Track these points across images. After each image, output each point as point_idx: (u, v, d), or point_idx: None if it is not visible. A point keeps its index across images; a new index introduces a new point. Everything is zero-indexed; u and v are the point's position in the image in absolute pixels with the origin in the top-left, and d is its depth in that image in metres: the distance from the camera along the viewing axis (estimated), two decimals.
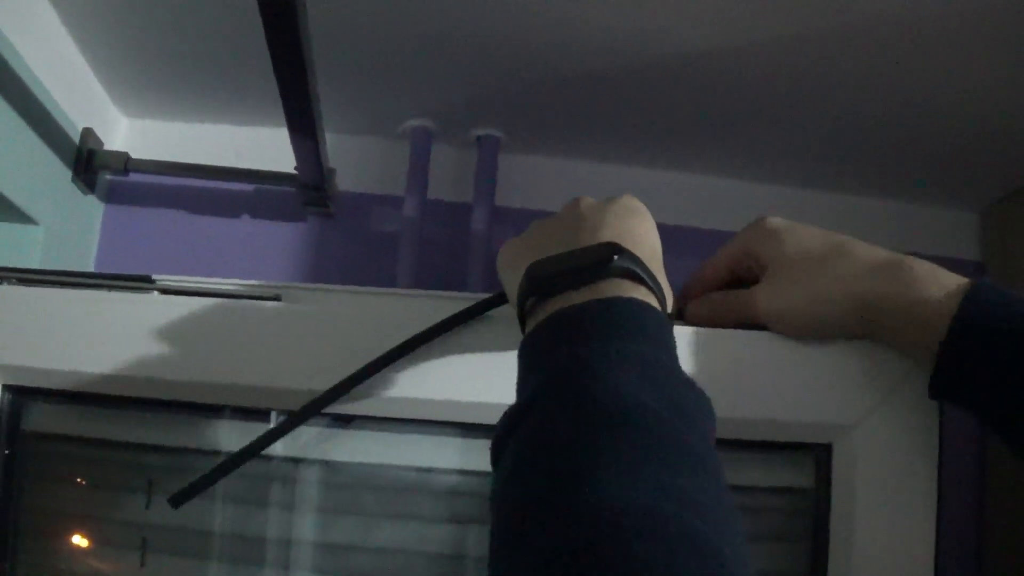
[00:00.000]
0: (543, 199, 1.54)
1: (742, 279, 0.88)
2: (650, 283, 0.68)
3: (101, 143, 1.36)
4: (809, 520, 0.90)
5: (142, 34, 1.24)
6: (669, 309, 0.71)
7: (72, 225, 1.31)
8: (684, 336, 0.85)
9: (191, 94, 1.44)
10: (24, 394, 0.91)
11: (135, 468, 0.93)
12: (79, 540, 0.94)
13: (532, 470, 0.55)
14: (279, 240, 1.49)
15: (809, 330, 0.83)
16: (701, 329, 0.85)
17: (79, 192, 1.34)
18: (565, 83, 1.32)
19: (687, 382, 0.63)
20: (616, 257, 0.67)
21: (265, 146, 1.48)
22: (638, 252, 0.69)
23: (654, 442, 0.56)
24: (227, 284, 0.90)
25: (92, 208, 1.42)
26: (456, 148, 1.53)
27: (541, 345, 0.65)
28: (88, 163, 1.32)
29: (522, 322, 0.71)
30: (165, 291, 0.90)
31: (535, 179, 1.55)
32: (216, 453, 0.92)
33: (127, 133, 1.50)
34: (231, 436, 0.92)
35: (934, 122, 1.33)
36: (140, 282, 0.91)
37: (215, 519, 0.93)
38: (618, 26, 1.15)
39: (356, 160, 1.50)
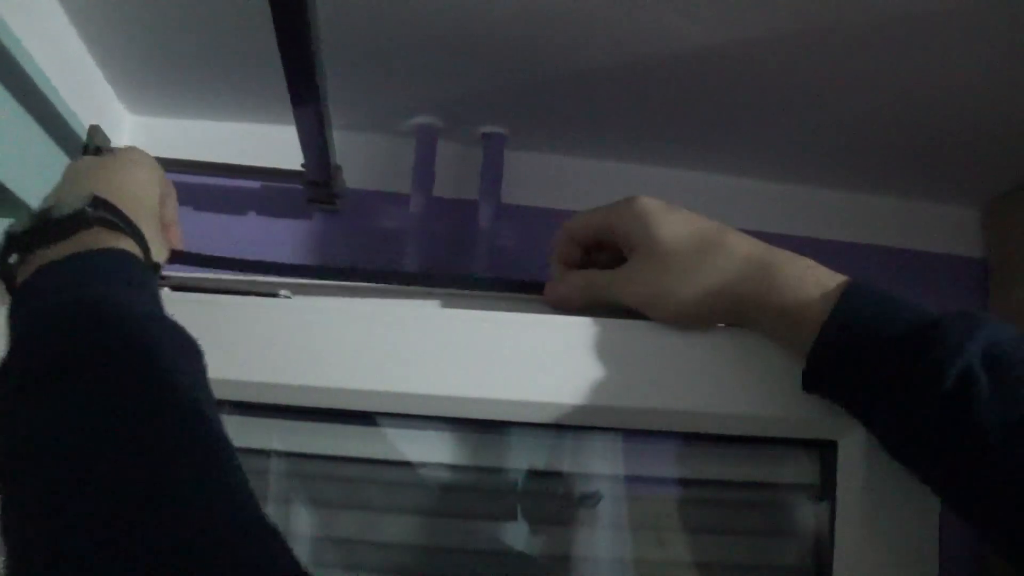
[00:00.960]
0: (549, 196, 1.54)
1: (595, 257, 0.90)
2: (129, 231, 0.72)
3: (108, 140, 1.36)
4: (814, 517, 0.90)
5: (147, 31, 1.24)
6: (157, 257, 0.77)
7: None
8: (688, 334, 0.86)
9: (196, 91, 1.44)
10: None
11: None
12: None
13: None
14: (285, 237, 1.49)
15: (681, 320, 0.84)
16: (704, 327, 0.86)
17: None
18: (571, 80, 1.32)
19: (169, 324, 0.67)
20: (90, 209, 0.70)
21: (270, 143, 1.48)
22: (122, 203, 0.73)
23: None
24: (237, 280, 0.90)
25: None
26: (462, 145, 1.53)
27: (29, 303, 0.66)
28: None
29: (8, 281, 0.72)
30: (175, 288, 0.90)
31: (541, 176, 1.55)
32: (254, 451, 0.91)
33: (132, 130, 1.50)
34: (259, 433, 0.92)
35: (937, 117, 1.33)
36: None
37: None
38: (624, 23, 1.15)
39: (362, 157, 1.50)
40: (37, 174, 1.11)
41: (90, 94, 1.33)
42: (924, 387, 0.70)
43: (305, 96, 0.99)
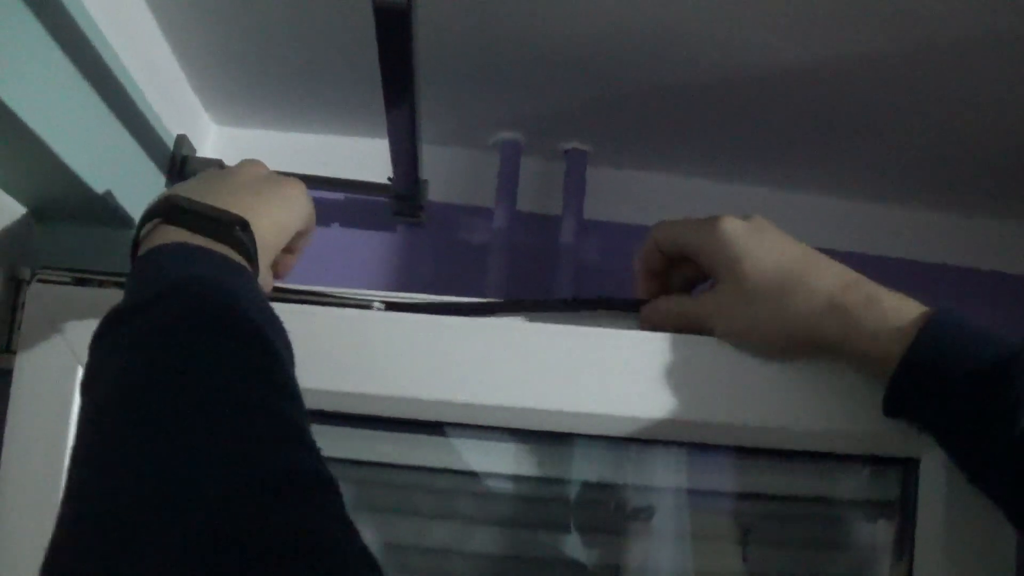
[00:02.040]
0: (631, 212, 1.54)
1: (680, 266, 0.91)
2: (256, 263, 0.77)
3: (194, 150, 1.37)
4: (895, 534, 0.90)
5: (235, 44, 1.26)
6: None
7: None
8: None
9: (280, 103, 1.45)
10: None
11: None
12: None
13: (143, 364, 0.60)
14: (369, 249, 1.49)
15: (764, 355, 0.85)
16: (761, 356, 0.86)
17: None
18: (653, 97, 1.31)
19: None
20: (239, 230, 0.76)
21: (353, 155, 1.49)
22: (260, 231, 0.78)
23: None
24: (333, 292, 0.91)
25: None
26: (545, 160, 1.53)
27: (162, 262, 0.71)
28: (182, 169, 1.33)
29: (138, 232, 0.77)
30: (272, 299, 0.90)
31: (623, 192, 1.55)
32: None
33: (216, 140, 1.51)
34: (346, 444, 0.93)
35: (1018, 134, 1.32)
36: None
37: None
38: (709, 40, 1.15)
39: (447, 171, 1.50)
40: (126, 181, 1.13)
41: (179, 105, 1.34)
42: (998, 427, 0.70)
43: (400, 111, 0.99)
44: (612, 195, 1.55)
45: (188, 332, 0.62)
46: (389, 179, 1.30)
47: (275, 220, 0.83)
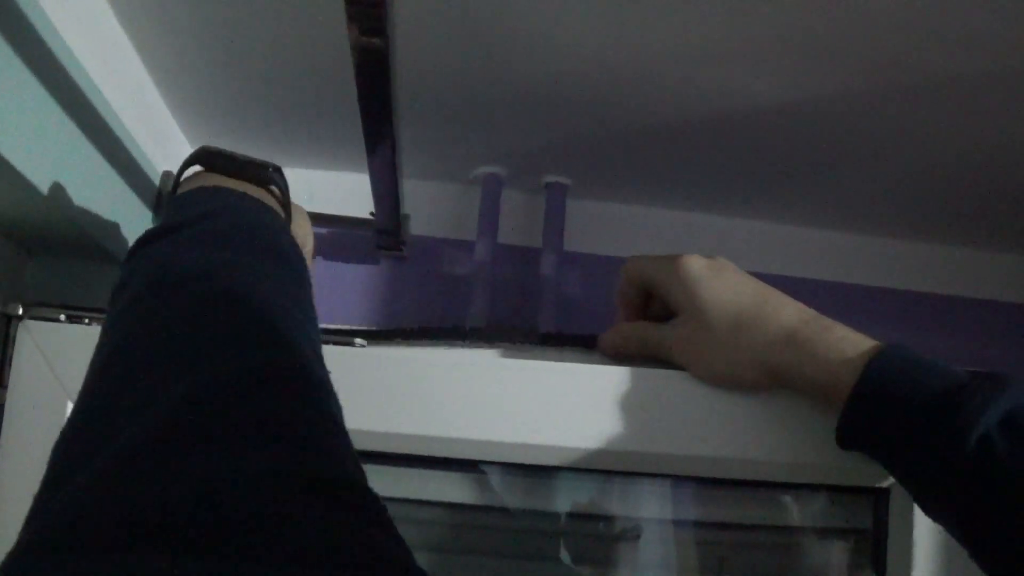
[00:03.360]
0: (611, 244, 1.56)
1: (654, 300, 0.93)
2: (288, 209, 0.82)
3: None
4: (866, 562, 0.92)
5: (220, 79, 1.27)
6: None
7: None
8: None
9: (264, 138, 1.46)
10: None
11: None
12: None
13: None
14: (352, 281, 1.51)
15: (724, 385, 0.87)
16: (721, 387, 0.88)
17: None
18: (634, 133, 1.33)
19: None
20: (272, 171, 0.82)
21: (336, 190, 1.51)
22: (297, 232, 0.83)
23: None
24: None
25: None
26: (526, 194, 1.55)
27: (199, 198, 0.75)
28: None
29: (176, 184, 0.81)
30: None
31: (603, 225, 1.57)
32: None
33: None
34: None
35: (994, 171, 1.34)
36: None
37: None
38: (689, 80, 1.16)
39: (429, 204, 1.52)
40: (113, 217, 1.14)
41: (163, 141, 1.35)
42: (948, 452, 0.72)
43: (381, 148, 1.01)
44: (592, 228, 1.56)
45: (216, 249, 0.66)
46: (371, 213, 1.31)
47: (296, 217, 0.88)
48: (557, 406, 0.88)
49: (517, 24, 1.07)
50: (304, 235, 0.90)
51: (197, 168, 0.82)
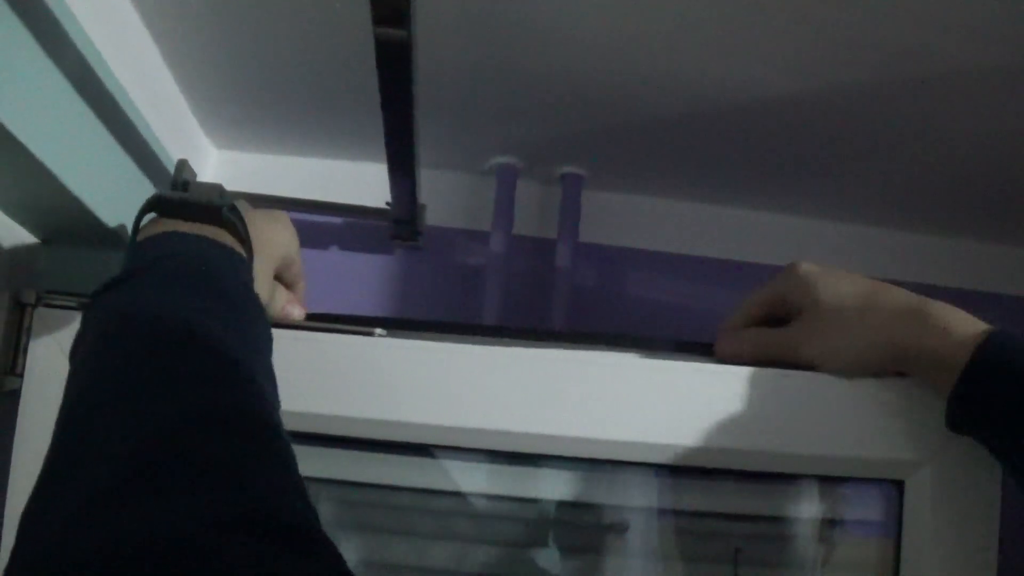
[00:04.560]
0: (625, 235, 1.56)
1: (775, 322, 0.94)
2: (246, 240, 0.81)
3: (194, 174, 1.38)
4: (881, 554, 0.92)
5: (236, 68, 1.27)
6: (265, 298, 0.85)
7: None
8: (764, 378, 0.89)
9: (280, 128, 1.46)
10: None
11: None
12: None
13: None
14: (367, 272, 1.51)
15: (848, 371, 0.88)
16: (774, 370, 0.89)
17: None
18: (649, 124, 1.33)
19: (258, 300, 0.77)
20: (226, 210, 0.80)
21: (352, 180, 1.51)
22: (259, 250, 0.83)
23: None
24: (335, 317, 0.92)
25: None
26: (541, 185, 1.55)
27: (151, 244, 0.76)
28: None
29: (134, 233, 0.81)
30: (274, 325, 0.91)
31: (618, 216, 1.56)
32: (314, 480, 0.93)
33: (218, 164, 1.52)
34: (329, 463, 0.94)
35: (1012, 163, 1.33)
36: None
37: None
38: (703, 71, 1.16)
39: (444, 195, 1.52)
40: (128, 205, 1.13)
41: (178, 129, 1.35)
42: None
43: (399, 139, 1.01)
44: (608, 219, 1.56)
45: (164, 293, 0.68)
46: (387, 204, 1.31)
47: (265, 224, 0.88)
48: (590, 399, 0.88)
49: (533, 15, 1.07)
50: (279, 244, 0.91)
51: (153, 216, 0.82)
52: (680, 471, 0.93)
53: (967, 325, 0.80)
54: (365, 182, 1.46)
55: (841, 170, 1.42)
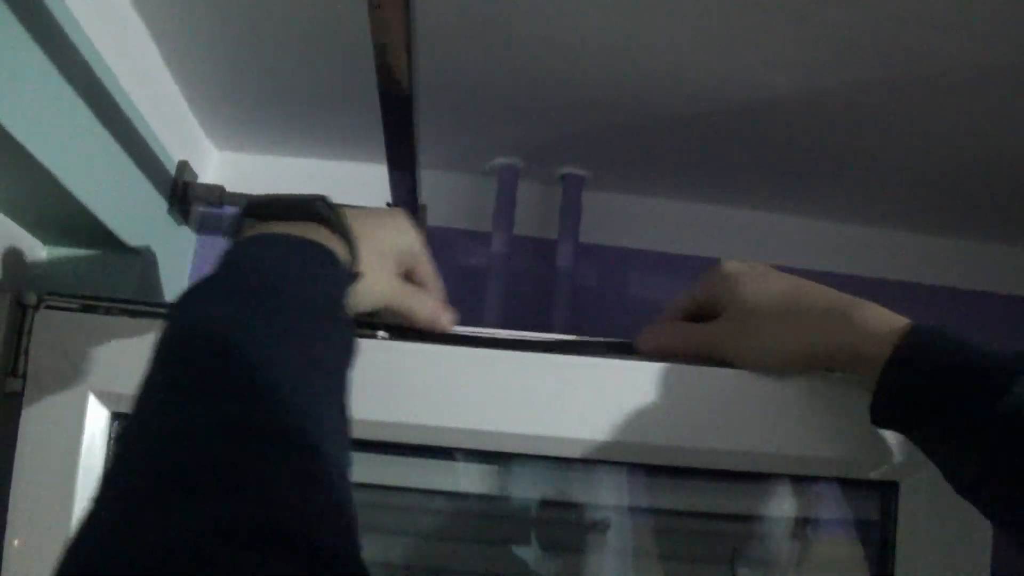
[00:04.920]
0: (627, 236, 1.56)
1: (707, 319, 0.93)
2: (343, 233, 0.79)
3: (196, 175, 1.38)
4: (876, 555, 0.92)
5: (236, 70, 1.27)
6: (356, 266, 0.81)
7: (168, 255, 1.34)
8: (758, 379, 0.89)
9: (281, 129, 1.46)
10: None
11: None
12: None
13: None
14: None
15: (771, 370, 0.89)
16: (772, 372, 0.89)
17: (174, 223, 1.36)
18: (649, 125, 1.33)
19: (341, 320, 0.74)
20: (319, 203, 0.78)
21: (352, 180, 1.51)
22: (367, 244, 0.81)
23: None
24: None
25: (186, 239, 1.45)
26: (542, 185, 1.55)
27: (237, 250, 0.73)
28: (183, 195, 1.35)
29: (233, 235, 0.79)
30: None
31: (619, 216, 1.57)
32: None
33: (218, 165, 1.52)
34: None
35: (1013, 164, 1.34)
36: None
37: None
38: (705, 71, 1.16)
39: (445, 196, 1.52)
40: (129, 207, 1.14)
41: (180, 131, 1.36)
42: (980, 413, 0.72)
43: (400, 140, 1.01)
44: (609, 219, 1.56)
45: (231, 305, 0.66)
46: (388, 204, 1.31)
47: (378, 221, 0.89)
48: (575, 399, 0.88)
49: (534, 16, 1.07)
50: (389, 239, 0.89)
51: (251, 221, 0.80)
52: (670, 472, 0.93)
53: (889, 321, 0.80)
54: (366, 183, 1.46)
55: (843, 171, 1.43)
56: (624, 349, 0.94)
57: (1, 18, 0.80)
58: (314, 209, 0.78)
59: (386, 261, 0.87)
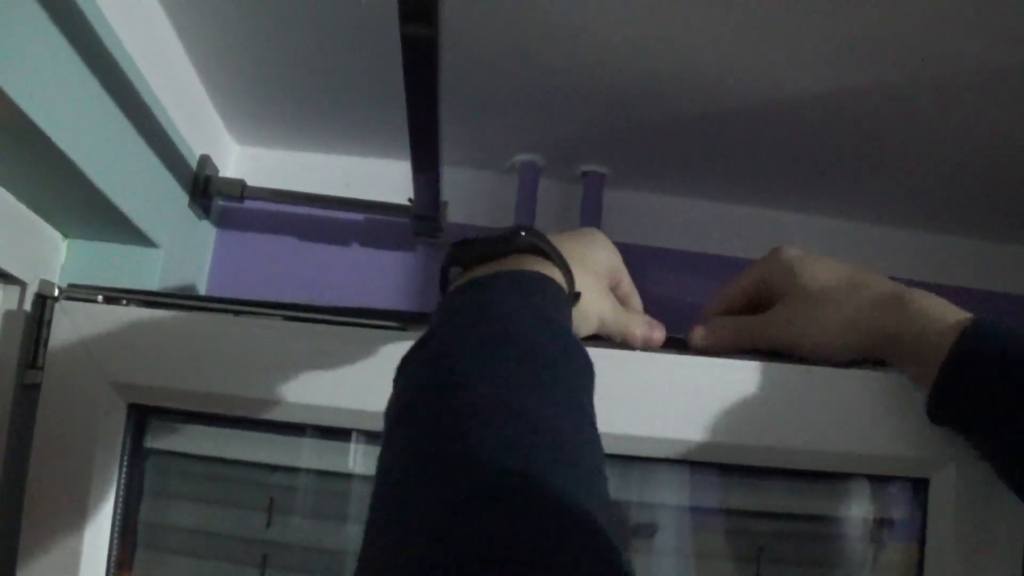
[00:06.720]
0: (647, 234, 1.55)
1: (757, 308, 0.93)
2: (554, 257, 0.76)
3: (217, 170, 1.38)
4: (905, 552, 0.92)
5: (258, 65, 1.27)
6: (574, 288, 0.79)
7: (188, 249, 1.34)
8: (789, 374, 0.89)
9: (303, 124, 1.46)
10: (148, 413, 0.93)
11: (255, 487, 0.95)
12: (198, 555, 0.95)
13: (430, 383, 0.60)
14: (388, 268, 1.51)
15: (821, 352, 0.88)
16: (799, 366, 0.89)
17: (195, 217, 1.37)
18: (671, 123, 1.32)
19: (572, 344, 0.68)
20: (523, 233, 0.76)
21: (374, 176, 1.51)
22: (579, 266, 0.79)
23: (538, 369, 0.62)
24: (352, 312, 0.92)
25: (206, 233, 1.45)
26: (563, 183, 1.54)
27: (450, 303, 0.71)
28: (205, 189, 1.35)
29: (443, 287, 0.79)
30: (289, 317, 0.92)
31: (639, 215, 1.56)
32: (336, 474, 0.94)
33: (239, 160, 1.53)
34: (350, 457, 0.94)
35: None
36: (265, 308, 0.92)
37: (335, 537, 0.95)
38: (726, 70, 1.16)
39: (466, 192, 1.52)
40: (150, 200, 1.14)
41: (202, 125, 1.36)
42: None
43: (424, 136, 1.00)
44: (629, 218, 1.55)
45: (455, 361, 0.62)
46: (409, 200, 1.31)
47: (580, 242, 0.87)
48: (620, 395, 0.88)
49: (556, 13, 1.07)
50: (599, 259, 0.88)
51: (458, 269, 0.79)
52: (701, 468, 0.93)
53: (949, 313, 0.79)
54: (388, 179, 1.46)
55: (864, 170, 1.42)
56: (676, 345, 0.93)
57: (29, 12, 0.80)
58: (521, 240, 0.76)
59: (600, 281, 0.87)
